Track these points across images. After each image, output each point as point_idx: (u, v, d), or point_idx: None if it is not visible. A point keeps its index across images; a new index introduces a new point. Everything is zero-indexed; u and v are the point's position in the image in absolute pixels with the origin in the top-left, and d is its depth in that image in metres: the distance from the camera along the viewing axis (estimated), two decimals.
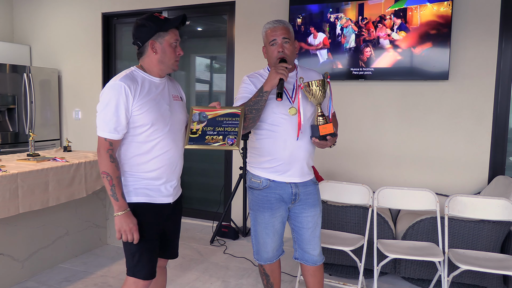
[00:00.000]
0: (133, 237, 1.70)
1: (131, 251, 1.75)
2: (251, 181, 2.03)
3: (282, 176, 1.95)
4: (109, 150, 1.68)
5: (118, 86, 1.66)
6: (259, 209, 2.00)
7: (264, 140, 1.95)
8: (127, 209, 1.70)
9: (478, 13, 3.21)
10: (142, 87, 1.71)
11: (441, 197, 3.05)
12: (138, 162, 1.74)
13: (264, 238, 2.03)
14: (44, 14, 4.94)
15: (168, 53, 1.76)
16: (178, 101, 1.88)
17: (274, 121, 1.91)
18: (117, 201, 1.69)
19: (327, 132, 1.86)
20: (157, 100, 1.75)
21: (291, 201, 2.00)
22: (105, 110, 1.66)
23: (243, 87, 1.97)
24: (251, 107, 1.83)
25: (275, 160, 1.93)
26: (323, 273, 2.14)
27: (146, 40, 1.74)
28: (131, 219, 1.70)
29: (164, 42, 1.74)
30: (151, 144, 1.73)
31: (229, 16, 4.06)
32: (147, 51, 1.76)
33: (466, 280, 2.70)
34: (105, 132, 1.67)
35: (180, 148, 1.85)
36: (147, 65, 1.78)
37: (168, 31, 1.74)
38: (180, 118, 1.86)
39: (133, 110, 1.68)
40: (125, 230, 1.69)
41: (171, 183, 1.82)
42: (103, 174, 1.68)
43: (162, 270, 2.05)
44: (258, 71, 2.04)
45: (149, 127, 1.71)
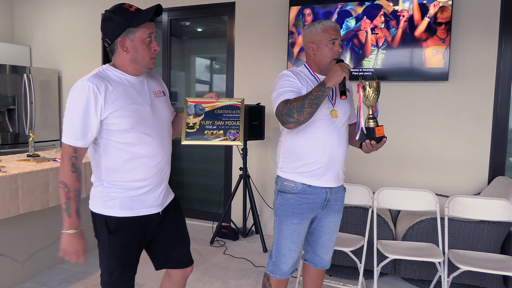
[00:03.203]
0: (77, 261, 1.55)
1: (109, 268, 1.59)
2: (284, 184, 1.91)
3: (319, 181, 1.87)
4: (72, 157, 1.49)
5: (86, 87, 1.45)
6: (288, 214, 1.89)
7: (303, 143, 1.86)
8: (79, 228, 1.54)
9: (478, 13, 3.21)
10: (114, 87, 1.51)
11: (441, 197, 3.05)
12: (122, 171, 1.56)
13: (289, 245, 1.91)
14: (44, 14, 4.94)
15: (141, 50, 1.54)
16: (161, 97, 1.68)
17: (312, 122, 1.83)
18: (69, 217, 1.52)
19: (381, 134, 1.80)
20: (135, 101, 1.55)
21: (322, 207, 1.92)
22: (71, 114, 1.47)
23: (288, 81, 1.84)
24: (311, 101, 1.70)
25: (314, 163, 1.85)
26: (324, 277, 2.14)
27: (115, 37, 1.52)
28: (80, 240, 1.54)
29: (135, 38, 1.52)
30: (133, 150, 1.55)
31: (229, 16, 4.06)
32: (118, 50, 1.55)
33: (466, 280, 2.70)
34: (69, 138, 1.48)
35: (167, 150, 1.67)
36: (120, 64, 1.58)
37: (139, 26, 1.51)
38: (165, 117, 1.68)
39: (106, 114, 1.48)
40: (71, 251, 1.53)
41: (159, 190, 1.66)
42: (61, 184, 1.50)
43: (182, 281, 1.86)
44: (296, 68, 1.94)
45: (129, 132, 1.52)
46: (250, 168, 4.00)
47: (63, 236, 1.53)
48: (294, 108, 1.71)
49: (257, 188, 4.01)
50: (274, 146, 3.96)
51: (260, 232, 3.63)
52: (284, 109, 1.73)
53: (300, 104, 1.70)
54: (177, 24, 4.42)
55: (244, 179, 3.69)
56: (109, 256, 1.59)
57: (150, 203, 1.63)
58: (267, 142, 3.97)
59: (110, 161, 1.56)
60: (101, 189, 1.59)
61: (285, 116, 1.73)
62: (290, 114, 1.72)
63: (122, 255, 1.59)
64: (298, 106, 1.70)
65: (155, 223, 1.68)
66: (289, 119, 1.73)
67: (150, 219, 1.65)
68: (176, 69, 4.55)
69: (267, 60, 3.90)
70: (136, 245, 1.63)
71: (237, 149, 4.00)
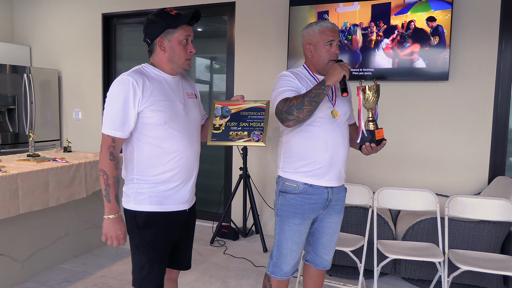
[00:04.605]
0: (118, 244, 1.61)
1: (140, 263, 1.65)
2: (285, 185, 1.90)
3: (320, 180, 1.86)
4: (110, 147, 1.58)
5: (126, 80, 1.55)
6: (289, 215, 1.88)
7: (304, 143, 1.85)
8: (118, 213, 1.61)
9: (478, 13, 3.21)
10: (152, 83, 1.60)
11: (441, 197, 3.05)
12: (153, 165, 1.62)
13: (290, 246, 1.91)
14: (44, 14, 4.94)
15: (178, 51, 1.64)
16: (193, 99, 1.77)
17: (313, 122, 1.83)
18: (109, 203, 1.59)
19: (381, 137, 1.81)
20: (170, 97, 1.64)
21: (324, 207, 1.92)
22: (112, 106, 1.56)
23: (288, 80, 1.85)
24: (311, 99, 1.71)
25: (315, 163, 1.84)
26: (324, 277, 2.14)
27: (155, 38, 1.63)
28: (121, 225, 1.61)
29: (173, 39, 1.63)
30: (164, 145, 1.62)
31: (229, 16, 4.06)
32: (156, 49, 1.66)
33: (466, 280, 2.70)
34: (109, 129, 1.57)
35: (196, 149, 1.74)
36: (158, 63, 1.68)
37: (177, 28, 1.62)
38: (195, 117, 1.76)
39: (142, 107, 1.57)
40: (112, 236, 1.60)
41: (187, 186, 1.71)
42: (100, 171, 1.59)
43: (173, 283, 1.92)
44: (295, 69, 1.94)
45: (161, 127, 1.60)
46: (250, 168, 4.00)
47: (104, 221, 1.60)
48: (294, 105, 1.71)
49: (257, 188, 4.01)
50: (274, 146, 3.96)
51: (260, 232, 3.63)
52: (284, 107, 1.74)
53: (299, 102, 1.71)
54: None
55: (244, 179, 3.69)
56: (139, 251, 1.65)
57: (178, 199, 1.69)
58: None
59: (142, 155, 1.63)
60: (132, 185, 1.66)
61: (285, 114, 1.74)
62: (290, 111, 1.72)
63: (151, 250, 1.64)
64: (297, 103, 1.71)
65: (182, 220, 1.74)
66: (289, 117, 1.73)
67: (177, 216, 1.71)
68: None
69: (267, 60, 3.90)
70: (165, 241, 1.68)
71: (237, 149, 4.00)
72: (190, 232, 1.85)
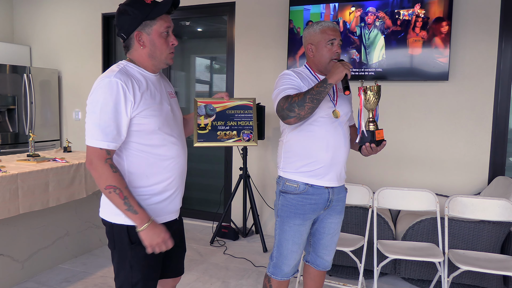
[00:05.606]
0: (167, 247, 1.48)
1: (132, 280, 1.48)
2: (286, 185, 1.89)
3: (321, 180, 1.86)
4: (107, 160, 1.39)
5: (114, 84, 1.36)
6: (290, 215, 1.87)
7: (305, 143, 1.85)
8: (150, 219, 1.43)
9: (478, 13, 3.21)
10: (139, 85, 1.42)
11: (441, 197, 3.05)
12: (147, 174, 1.47)
13: (291, 247, 1.90)
14: (44, 14, 4.94)
15: (159, 45, 1.46)
16: (174, 98, 1.63)
17: (314, 121, 1.83)
18: (136, 214, 1.40)
19: (381, 138, 1.81)
20: (159, 100, 1.48)
21: (324, 207, 1.91)
22: (100, 114, 1.36)
23: (290, 79, 1.84)
24: (313, 96, 1.69)
25: (316, 162, 1.84)
26: (324, 277, 2.14)
27: (131, 32, 1.44)
28: (160, 228, 1.44)
29: (152, 32, 1.44)
30: (158, 152, 1.47)
31: (229, 16, 4.06)
32: (134, 45, 1.47)
33: (466, 280, 2.70)
34: (100, 141, 1.37)
35: (186, 152, 1.61)
36: (137, 60, 1.49)
37: (156, 19, 1.43)
38: (180, 117, 1.64)
39: (135, 114, 1.40)
40: (158, 242, 1.43)
41: (180, 193, 1.60)
42: (109, 188, 1.37)
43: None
44: (297, 68, 1.94)
45: (155, 133, 1.45)
46: (250, 168, 4.00)
47: (141, 234, 1.42)
48: (295, 102, 1.71)
49: (257, 188, 4.01)
50: (274, 146, 3.96)
51: (260, 232, 3.63)
52: (285, 104, 1.73)
53: (301, 99, 1.70)
54: (177, 24, 4.42)
55: (244, 179, 3.69)
56: (131, 268, 1.49)
57: (172, 209, 1.57)
58: (267, 142, 3.97)
59: (134, 166, 1.47)
60: None
61: (286, 111, 1.73)
62: (291, 108, 1.71)
63: (145, 266, 1.50)
64: (299, 100, 1.70)
65: (173, 228, 1.60)
66: (290, 114, 1.73)
67: (170, 225, 1.57)
68: (176, 69, 4.55)
69: (267, 60, 3.90)
70: (159, 256, 1.54)
71: (237, 149, 4.00)
72: (182, 237, 1.73)
